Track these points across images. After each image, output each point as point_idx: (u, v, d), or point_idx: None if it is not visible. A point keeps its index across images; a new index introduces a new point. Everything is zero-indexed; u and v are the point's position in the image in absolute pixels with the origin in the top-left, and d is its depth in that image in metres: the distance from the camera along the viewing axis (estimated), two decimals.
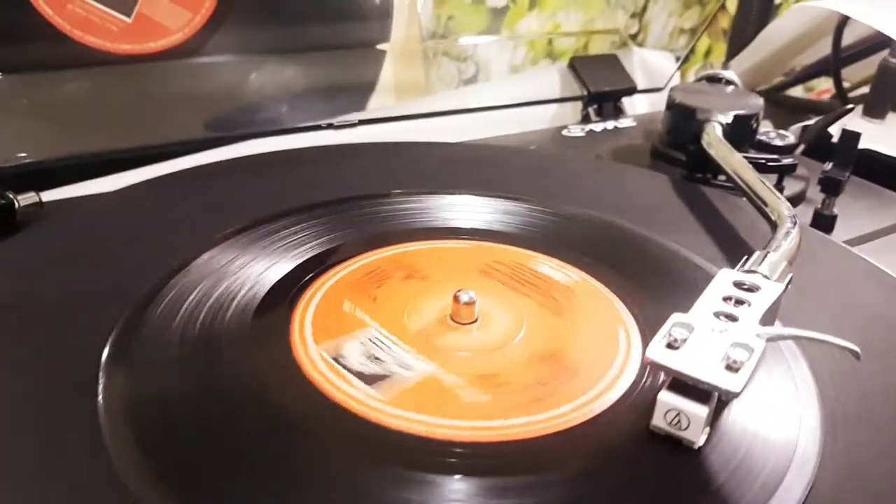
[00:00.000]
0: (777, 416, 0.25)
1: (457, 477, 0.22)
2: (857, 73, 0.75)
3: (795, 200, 0.47)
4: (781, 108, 0.78)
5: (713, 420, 0.24)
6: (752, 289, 0.27)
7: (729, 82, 0.51)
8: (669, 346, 0.23)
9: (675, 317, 0.25)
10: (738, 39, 0.75)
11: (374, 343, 0.28)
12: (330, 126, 0.50)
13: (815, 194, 0.45)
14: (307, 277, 0.31)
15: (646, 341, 0.29)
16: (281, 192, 0.39)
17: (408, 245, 0.35)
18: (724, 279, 0.27)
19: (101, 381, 0.24)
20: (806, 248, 0.33)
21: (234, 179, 0.41)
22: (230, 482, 0.21)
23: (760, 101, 0.48)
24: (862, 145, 0.54)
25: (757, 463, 0.23)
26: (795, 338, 0.25)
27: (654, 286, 0.32)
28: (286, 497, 0.21)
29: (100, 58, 0.52)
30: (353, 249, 0.34)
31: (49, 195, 0.40)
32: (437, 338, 0.28)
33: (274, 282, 0.31)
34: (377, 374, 0.26)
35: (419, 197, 0.38)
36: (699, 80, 0.53)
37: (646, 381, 0.27)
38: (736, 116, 0.46)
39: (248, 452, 0.22)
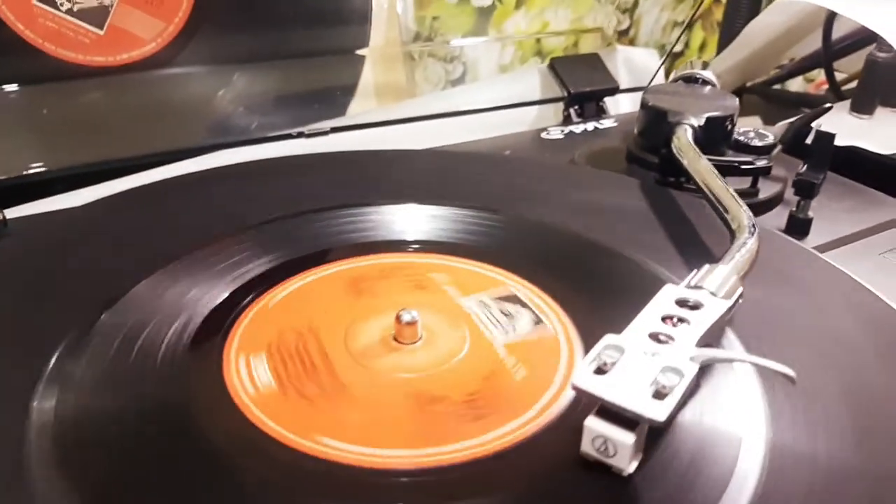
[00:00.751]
0: (718, 443, 0.25)
1: None
2: (853, 65, 0.73)
3: (772, 203, 0.46)
4: (774, 102, 0.76)
5: (648, 445, 0.23)
6: (695, 306, 0.26)
7: (706, 82, 0.50)
8: (598, 370, 0.23)
9: (607, 338, 0.24)
10: (729, 33, 0.74)
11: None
12: (301, 135, 0.49)
13: (794, 196, 0.44)
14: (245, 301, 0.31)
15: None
16: (230, 207, 0.38)
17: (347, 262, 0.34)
18: (666, 296, 0.27)
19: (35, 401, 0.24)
20: (773, 254, 0.33)
21: (183, 198, 0.40)
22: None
23: (736, 101, 0.47)
24: (849, 142, 0.53)
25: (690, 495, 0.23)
26: (729, 360, 0.24)
27: (603, 297, 0.32)
28: None
29: (73, 71, 0.52)
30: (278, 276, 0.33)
31: (13, 212, 0.41)
32: (384, 362, 0.28)
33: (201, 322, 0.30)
34: None
35: (361, 209, 0.38)
36: (675, 80, 0.52)
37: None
38: (708, 119, 0.45)
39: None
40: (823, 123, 0.46)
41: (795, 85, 0.90)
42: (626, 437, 0.22)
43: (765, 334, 0.29)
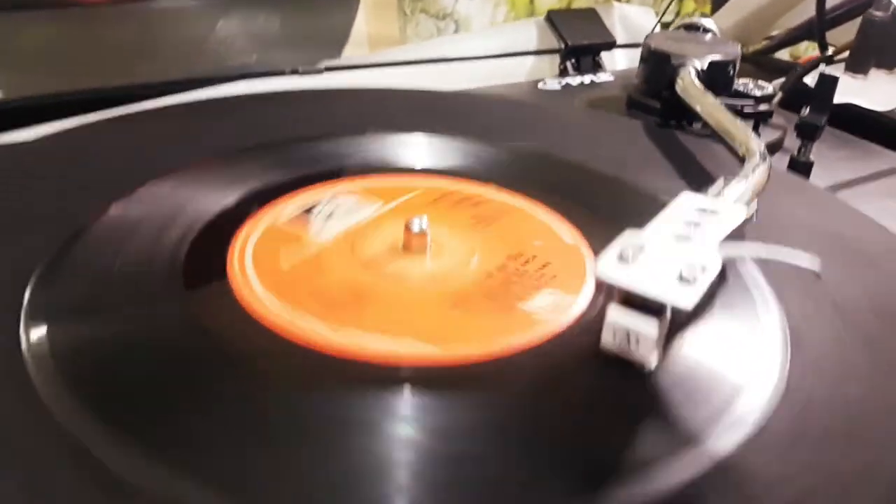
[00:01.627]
0: (739, 346, 0.24)
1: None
2: (842, 37, 0.74)
3: (772, 149, 0.46)
4: (764, 70, 0.76)
5: (666, 342, 0.23)
6: (713, 212, 0.26)
7: (707, 30, 0.50)
8: (621, 260, 0.22)
9: (629, 233, 0.23)
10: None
11: None
12: (295, 72, 0.48)
13: (793, 144, 0.44)
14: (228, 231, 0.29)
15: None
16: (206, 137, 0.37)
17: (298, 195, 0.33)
18: (684, 202, 0.26)
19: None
20: (778, 188, 0.32)
21: (170, 123, 0.39)
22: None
23: (738, 47, 0.47)
24: (844, 100, 0.53)
25: (712, 390, 0.22)
26: (753, 256, 0.24)
27: (609, 215, 0.31)
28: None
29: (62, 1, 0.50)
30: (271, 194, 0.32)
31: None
32: (395, 269, 0.27)
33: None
34: None
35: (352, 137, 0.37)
36: (677, 28, 0.51)
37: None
38: (712, 62, 0.45)
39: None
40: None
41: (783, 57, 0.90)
42: (649, 328, 0.22)
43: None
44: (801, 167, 0.42)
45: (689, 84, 0.42)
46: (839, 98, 0.53)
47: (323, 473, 0.18)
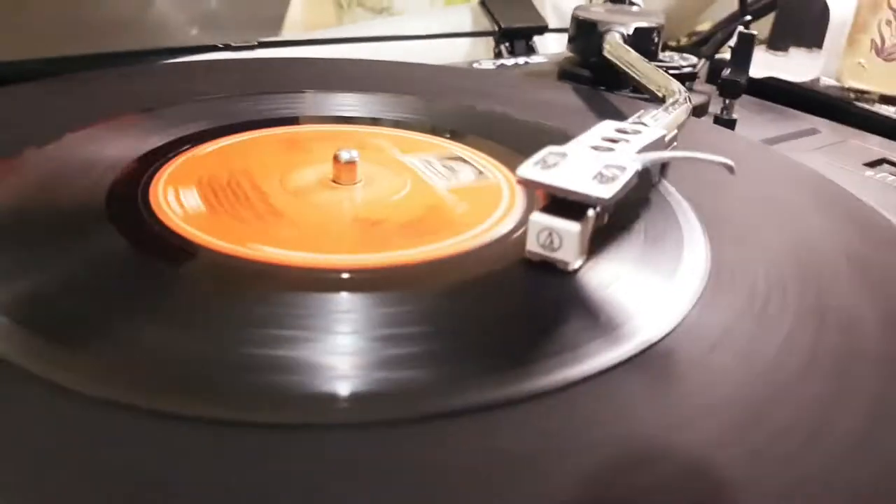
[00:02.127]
0: (661, 256, 0.25)
1: (343, 294, 0.21)
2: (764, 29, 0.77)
3: (697, 112, 0.47)
4: None
5: (591, 247, 0.23)
6: (633, 132, 0.27)
7: (632, 3, 0.51)
8: (543, 165, 0.23)
9: (550, 147, 0.24)
10: None
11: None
12: (228, 47, 0.48)
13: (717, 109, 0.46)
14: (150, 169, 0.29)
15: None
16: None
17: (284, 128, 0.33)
18: (606, 125, 0.27)
19: None
20: (701, 136, 0.33)
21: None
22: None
23: (662, 17, 0.48)
24: (767, 74, 0.56)
25: (632, 290, 0.23)
26: (669, 158, 0.24)
27: (517, 146, 0.32)
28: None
29: None
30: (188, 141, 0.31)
31: None
32: (316, 195, 0.27)
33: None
34: None
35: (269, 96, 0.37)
36: (604, 1, 0.53)
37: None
38: (637, 28, 0.46)
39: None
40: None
41: None
42: (572, 227, 0.22)
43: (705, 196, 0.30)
44: (724, 124, 0.44)
45: (615, 46, 0.43)
46: (763, 72, 0.55)
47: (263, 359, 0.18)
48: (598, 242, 0.23)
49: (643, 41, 0.46)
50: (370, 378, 0.18)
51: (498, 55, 0.62)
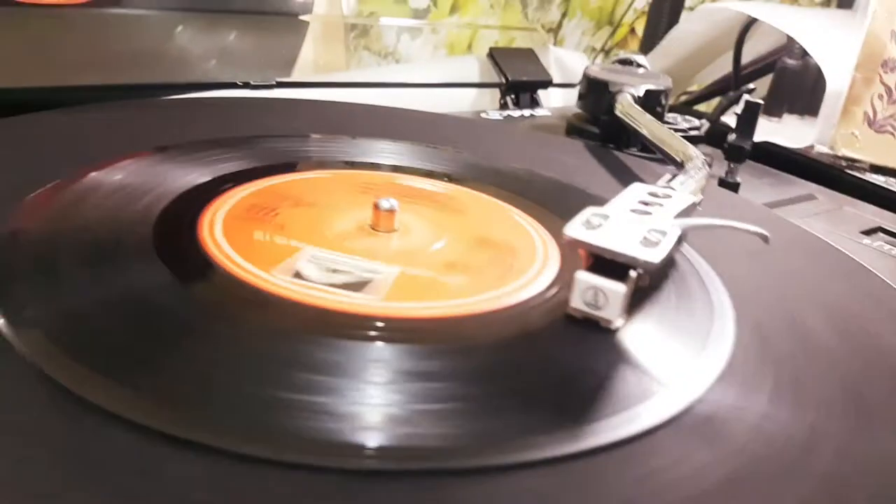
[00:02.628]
0: (692, 317, 0.26)
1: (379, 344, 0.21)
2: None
3: None
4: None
5: (630, 308, 0.24)
6: (665, 196, 0.28)
7: (639, 65, 0.53)
8: (588, 226, 0.24)
9: (591, 208, 0.25)
10: (650, 48, 0.79)
11: (323, 259, 0.26)
12: (247, 85, 0.49)
13: (719, 171, 0.48)
14: (195, 206, 0.29)
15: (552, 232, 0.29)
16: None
17: (272, 179, 0.33)
18: (636, 189, 0.28)
19: None
20: (714, 202, 0.35)
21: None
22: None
23: (669, 80, 0.50)
24: (764, 139, 0.58)
25: (672, 346, 0.23)
26: (708, 226, 0.26)
27: (542, 201, 0.33)
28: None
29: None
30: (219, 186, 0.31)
31: None
32: (370, 245, 0.28)
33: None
34: (353, 283, 0.25)
35: (275, 139, 0.37)
36: (613, 62, 0.55)
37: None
38: (647, 91, 0.48)
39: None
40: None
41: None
42: (617, 287, 0.23)
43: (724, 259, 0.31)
44: (728, 187, 0.45)
45: (627, 106, 0.45)
46: (759, 137, 0.57)
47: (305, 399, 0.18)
48: (633, 302, 0.24)
49: (652, 102, 0.48)
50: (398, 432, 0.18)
51: (504, 105, 0.63)
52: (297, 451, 0.17)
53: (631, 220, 0.24)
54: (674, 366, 0.22)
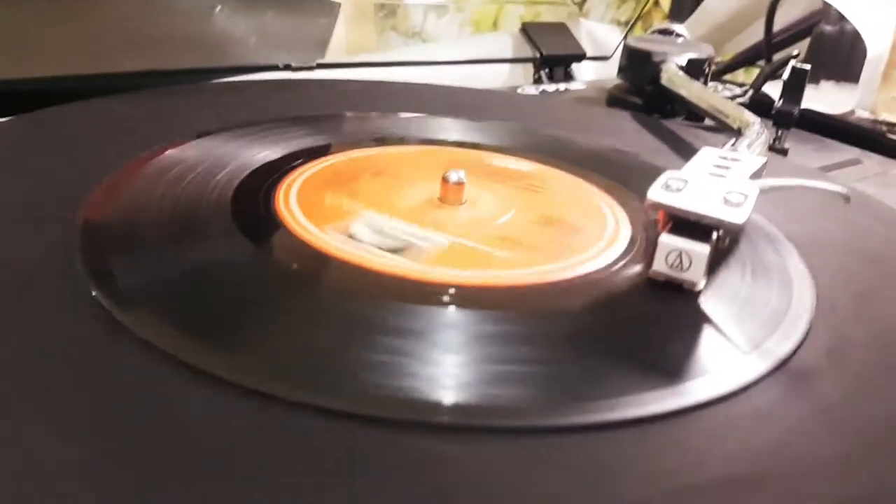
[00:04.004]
0: (768, 279, 0.26)
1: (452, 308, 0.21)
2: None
3: None
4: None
5: (710, 269, 0.24)
6: (735, 160, 0.28)
7: (678, 35, 0.53)
8: (668, 189, 0.24)
9: (668, 172, 0.25)
10: (678, 16, 0.78)
11: (379, 223, 0.27)
12: (288, 67, 0.49)
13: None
14: (273, 177, 0.30)
15: (627, 211, 0.29)
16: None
17: (364, 150, 0.34)
18: (706, 153, 0.28)
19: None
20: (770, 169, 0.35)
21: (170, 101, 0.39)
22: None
23: (711, 48, 0.50)
24: (803, 106, 0.57)
25: (757, 305, 0.23)
26: (787, 186, 0.26)
27: (616, 177, 0.33)
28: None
29: None
30: (312, 154, 0.33)
31: None
32: (435, 216, 0.28)
33: (240, 180, 0.29)
34: (397, 248, 0.25)
35: (366, 114, 0.38)
36: (651, 32, 0.54)
37: (642, 243, 0.27)
38: (690, 59, 0.47)
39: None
40: (774, 91, 0.51)
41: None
42: (701, 248, 0.23)
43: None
44: (777, 153, 0.45)
45: (673, 74, 0.44)
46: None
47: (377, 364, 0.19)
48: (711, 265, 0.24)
49: (695, 71, 0.48)
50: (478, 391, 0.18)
51: (537, 81, 0.63)
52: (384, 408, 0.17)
53: (709, 183, 0.24)
54: (754, 327, 0.22)
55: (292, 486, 0.15)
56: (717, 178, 0.25)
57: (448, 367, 0.19)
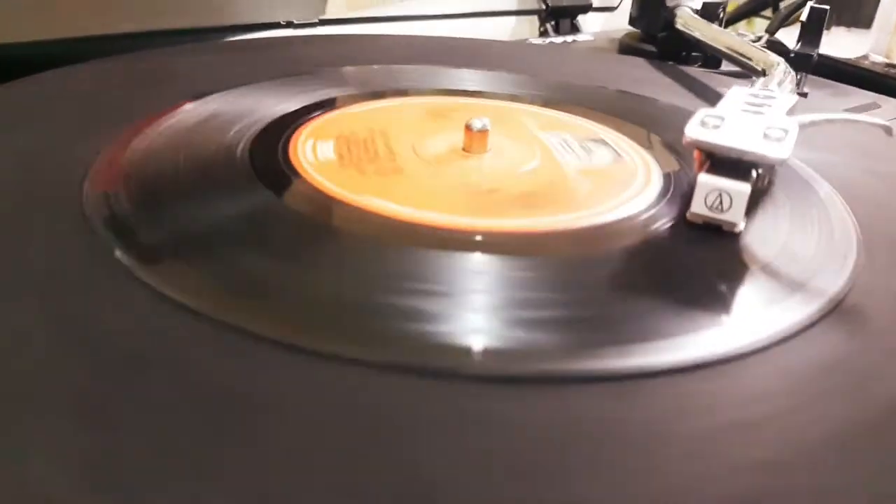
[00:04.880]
0: (807, 216, 0.25)
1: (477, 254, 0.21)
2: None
3: None
4: None
5: (748, 210, 0.23)
6: (767, 97, 0.27)
7: None
8: (705, 126, 0.23)
9: (704, 110, 0.24)
10: None
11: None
12: (290, 24, 0.47)
13: None
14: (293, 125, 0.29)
15: (659, 160, 0.28)
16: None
17: (379, 102, 0.33)
18: (738, 92, 0.27)
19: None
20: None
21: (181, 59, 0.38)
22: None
23: None
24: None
25: (798, 249, 0.23)
26: (827, 120, 0.25)
27: (646, 124, 0.32)
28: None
29: None
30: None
31: None
32: (460, 166, 0.27)
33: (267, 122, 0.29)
34: None
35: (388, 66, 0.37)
36: None
37: (675, 188, 0.26)
38: (705, 3, 0.46)
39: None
40: (786, 37, 0.50)
41: None
42: (742, 186, 0.22)
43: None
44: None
45: (689, 18, 0.43)
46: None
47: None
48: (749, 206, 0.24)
49: (710, 15, 0.46)
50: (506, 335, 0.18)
51: (544, 33, 0.62)
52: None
53: (747, 119, 0.23)
54: (802, 266, 0.22)
55: (321, 443, 0.14)
56: (753, 115, 0.24)
57: (480, 313, 0.18)
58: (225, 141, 0.26)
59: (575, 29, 0.63)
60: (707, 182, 0.22)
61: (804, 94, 0.44)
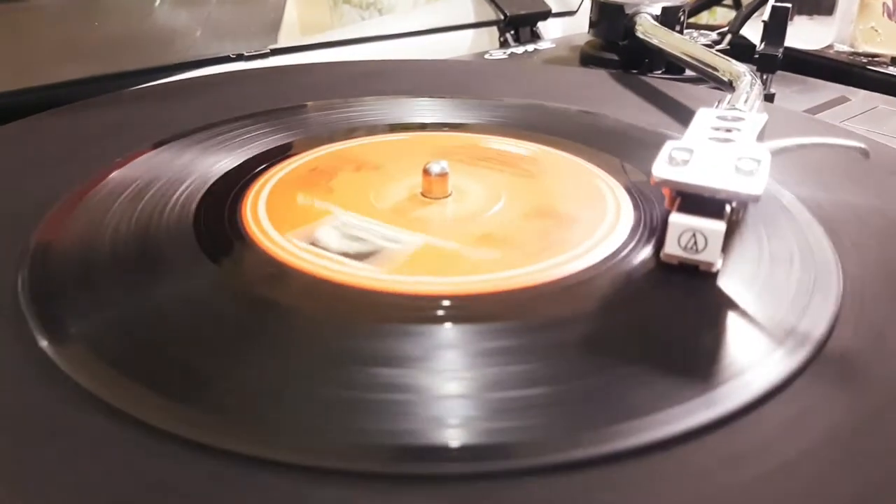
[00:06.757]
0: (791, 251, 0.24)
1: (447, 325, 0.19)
2: None
3: None
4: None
5: (724, 244, 0.22)
6: (736, 119, 0.25)
7: None
8: (673, 163, 0.22)
9: (671, 143, 0.23)
10: None
11: (349, 226, 0.24)
12: (240, 57, 0.46)
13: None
14: (246, 178, 0.28)
15: (630, 192, 0.27)
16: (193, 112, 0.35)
17: (346, 142, 0.32)
18: (705, 116, 0.26)
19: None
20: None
21: (144, 105, 0.36)
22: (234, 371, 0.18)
23: None
24: None
25: (780, 284, 0.22)
26: (800, 146, 0.24)
27: (614, 150, 0.31)
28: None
29: None
30: (288, 150, 0.30)
31: None
32: (414, 213, 0.25)
33: (212, 181, 0.27)
34: (365, 252, 0.23)
35: (348, 100, 0.35)
36: None
37: (645, 227, 0.25)
38: (664, 8, 0.45)
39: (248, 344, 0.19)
40: (748, 31, 0.49)
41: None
42: (717, 225, 0.21)
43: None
44: (764, 99, 0.43)
45: (650, 27, 0.42)
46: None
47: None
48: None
49: (670, 20, 0.45)
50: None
51: (504, 44, 0.60)
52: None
53: (716, 150, 0.22)
54: (784, 307, 0.21)
55: None
56: (722, 144, 0.23)
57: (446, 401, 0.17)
58: (166, 208, 0.25)
59: (535, 36, 0.62)
60: (679, 222, 0.21)
61: (771, 96, 0.43)
